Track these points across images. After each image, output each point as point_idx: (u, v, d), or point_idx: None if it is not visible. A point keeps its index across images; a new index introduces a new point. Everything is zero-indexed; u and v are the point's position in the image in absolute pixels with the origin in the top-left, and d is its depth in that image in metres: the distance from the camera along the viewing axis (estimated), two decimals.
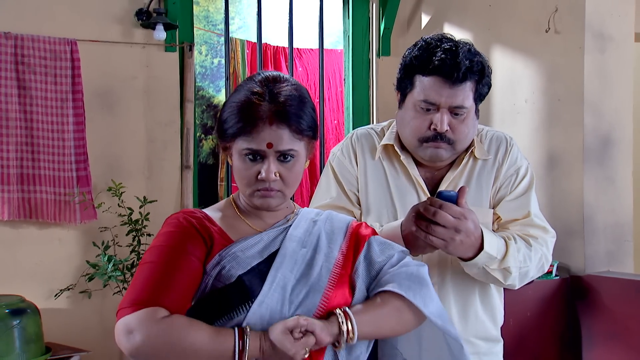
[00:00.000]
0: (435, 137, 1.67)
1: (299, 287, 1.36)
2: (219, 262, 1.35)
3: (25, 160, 3.29)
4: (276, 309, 1.32)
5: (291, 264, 1.37)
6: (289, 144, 1.35)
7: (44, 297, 3.30)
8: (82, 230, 3.46)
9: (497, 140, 1.83)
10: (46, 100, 3.33)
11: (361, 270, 1.43)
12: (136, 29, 3.63)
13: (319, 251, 1.42)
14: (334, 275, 1.39)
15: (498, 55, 3.87)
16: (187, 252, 1.34)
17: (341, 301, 1.37)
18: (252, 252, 1.38)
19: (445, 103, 1.64)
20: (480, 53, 1.71)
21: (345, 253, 1.44)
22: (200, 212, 1.45)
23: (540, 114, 3.63)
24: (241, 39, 4.67)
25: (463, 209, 1.54)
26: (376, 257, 1.44)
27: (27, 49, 3.28)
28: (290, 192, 1.42)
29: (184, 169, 3.74)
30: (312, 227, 1.46)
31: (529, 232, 1.73)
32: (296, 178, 1.40)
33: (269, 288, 1.33)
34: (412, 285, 1.38)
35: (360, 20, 4.35)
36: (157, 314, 1.26)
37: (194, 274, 1.33)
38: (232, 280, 1.33)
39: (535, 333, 3.38)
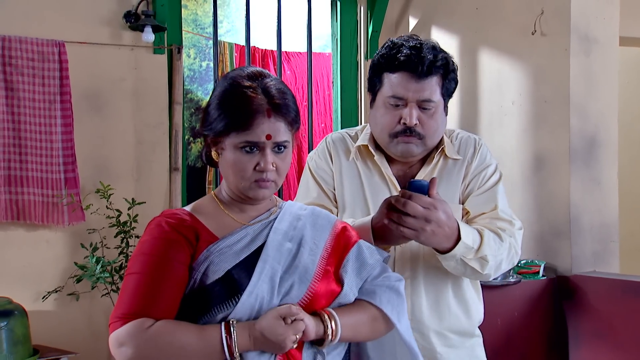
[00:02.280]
0: (405, 131, 1.73)
1: (286, 278, 1.39)
2: (207, 257, 1.38)
3: (12, 161, 3.28)
4: (266, 299, 1.35)
5: (278, 256, 1.41)
6: (284, 135, 1.40)
7: (32, 299, 3.28)
8: (70, 232, 3.45)
9: (467, 142, 1.88)
10: (34, 101, 3.32)
11: (350, 269, 1.47)
12: (124, 31, 3.63)
13: (304, 245, 1.45)
14: (320, 268, 1.43)
15: (485, 57, 3.90)
16: (171, 259, 1.36)
17: (326, 293, 1.43)
18: (239, 246, 1.41)
19: (412, 97, 1.70)
20: (444, 51, 1.78)
21: (329, 251, 1.47)
22: (183, 211, 1.47)
23: (527, 116, 3.66)
24: (229, 42, 4.68)
25: (433, 199, 1.57)
26: (368, 259, 1.50)
27: (15, 50, 3.27)
28: (281, 182, 1.45)
29: (172, 171, 3.74)
30: (297, 222, 1.49)
31: (497, 224, 1.76)
32: (287, 168, 1.46)
33: (258, 279, 1.36)
34: (391, 299, 1.48)
35: (349, 24, 4.37)
36: (144, 325, 1.30)
37: (179, 280, 1.36)
38: (220, 275, 1.35)
39: (522, 333, 3.39)
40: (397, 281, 1.52)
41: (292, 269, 1.41)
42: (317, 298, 1.40)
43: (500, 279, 3.32)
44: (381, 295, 1.47)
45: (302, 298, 1.39)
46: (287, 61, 4.83)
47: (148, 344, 1.28)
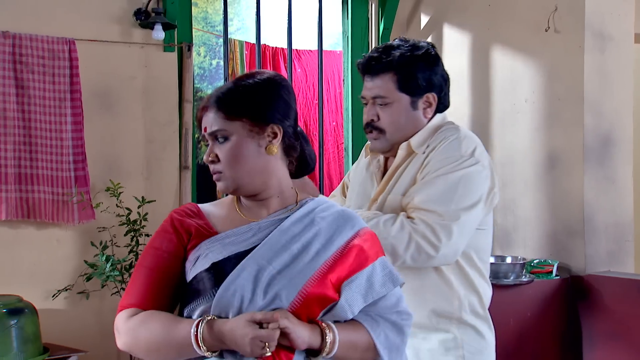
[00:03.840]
0: (366, 127, 1.91)
1: (279, 279, 1.36)
2: (199, 249, 1.41)
3: (23, 159, 3.27)
4: (247, 297, 1.33)
5: (272, 254, 1.38)
6: (217, 124, 1.42)
7: (42, 298, 3.28)
8: (80, 231, 3.44)
9: (441, 137, 1.89)
10: (44, 99, 3.32)
11: (355, 286, 1.40)
12: (135, 28, 3.62)
13: (309, 248, 1.41)
14: (318, 274, 1.38)
15: (498, 55, 3.86)
16: (161, 251, 1.43)
17: (319, 300, 1.37)
18: (234, 241, 1.40)
19: (369, 95, 1.88)
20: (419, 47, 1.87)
21: (337, 260, 1.41)
22: (193, 205, 1.51)
23: (540, 114, 3.62)
24: (240, 40, 4.66)
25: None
26: (378, 286, 1.43)
27: (26, 48, 3.27)
28: (233, 173, 1.42)
29: (182, 169, 3.73)
30: (310, 223, 1.44)
31: (413, 213, 1.78)
32: (233, 158, 1.41)
33: (238, 274, 1.34)
34: (390, 337, 1.43)
35: (360, 21, 4.35)
36: (127, 315, 1.40)
37: (167, 271, 1.42)
38: (206, 267, 1.37)
39: (535, 333, 3.36)
40: (404, 319, 1.47)
41: (287, 271, 1.37)
42: (309, 303, 1.36)
43: (513, 278, 3.29)
44: (383, 329, 1.43)
45: (292, 301, 1.35)
46: (298, 59, 4.81)
47: (128, 334, 1.38)
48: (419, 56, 1.86)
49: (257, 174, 1.42)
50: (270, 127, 1.43)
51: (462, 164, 1.80)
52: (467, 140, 1.87)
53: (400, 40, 1.90)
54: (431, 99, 1.91)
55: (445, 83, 1.97)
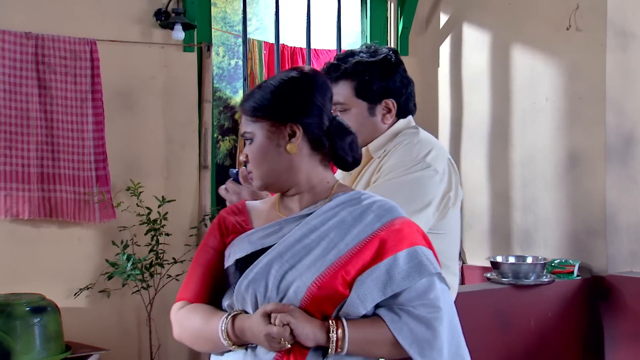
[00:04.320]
0: None
1: (291, 273, 1.35)
2: (232, 246, 1.47)
3: (45, 159, 3.30)
4: (260, 292, 1.36)
5: (288, 249, 1.39)
6: (245, 126, 1.49)
7: (64, 296, 3.30)
8: (101, 230, 3.46)
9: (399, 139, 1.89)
10: (66, 100, 3.35)
11: (371, 280, 1.35)
12: (155, 29, 3.64)
13: (326, 242, 1.39)
14: (332, 269, 1.35)
15: (518, 53, 3.84)
16: (207, 246, 1.51)
17: (330, 295, 1.34)
18: (260, 237, 1.44)
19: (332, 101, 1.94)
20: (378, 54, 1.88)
21: (356, 252, 1.37)
22: (240, 204, 1.58)
23: (561, 113, 3.60)
24: (258, 40, 4.67)
25: (235, 185, 1.79)
26: (399, 278, 1.36)
27: (48, 48, 3.30)
28: (259, 174, 1.48)
29: (202, 169, 3.74)
30: (335, 216, 1.42)
31: None
32: (258, 159, 1.47)
33: (251, 270, 1.38)
34: (415, 332, 1.34)
35: (378, 20, 4.34)
36: (178, 307, 1.49)
37: (209, 264, 1.49)
38: (231, 263, 1.44)
39: (556, 334, 3.34)
40: (432, 312, 1.36)
41: (300, 266, 1.36)
42: (319, 300, 1.33)
43: (533, 278, 3.27)
44: (405, 323, 1.35)
45: (302, 297, 1.34)
46: (316, 58, 4.80)
47: (176, 325, 1.47)
48: (376, 62, 1.86)
49: (281, 172, 1.45)
50: (289, 126, 1.44)
51: (411, 168, 1.78)
52: (420, 145, 1.85)
53: (362, 47, 1.93)
54: (390, 105, 1.90)
55: (405, 88, 1.94)
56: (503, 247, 3.89)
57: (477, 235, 4.08)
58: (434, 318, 1.36)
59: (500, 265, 3.35)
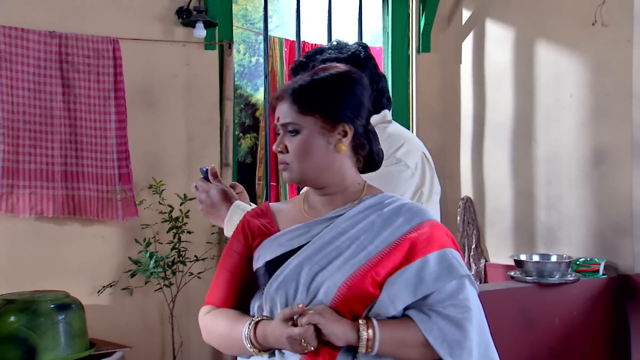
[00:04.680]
0: None
1: (321, 275, 1.36)
2: (260, 248, 1.46)
3: (69, 157, 3.33)
4: (290, 294, 1.36)
5: (318, 251, 1.39)
6: (289, 117, 1.44)
7: (88, 293, 3.33)
8: (124, 227, 3.48)
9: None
10: (89, 98, 3.37)
11: (401, 281, 1.35)
12: (177, 27, 3.65)
13: (357, 243, 1.39)
14: (362, 270, 1.35)
15: (542, 49, 3.79)
16: (232, 251, 1.51)
17: (360, 295, 1.34)
18: (288, 239, 1.44)
19: None
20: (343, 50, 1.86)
21: (386, 254, 1.38)
22: (264, 206, 1.56)
23: (587, 109, 3.55)
24: (279, 37, 4.66)
25: (204, 183, 1.82)
26: (430, 280, 1.36)
27: (71, 47, 3.32)
28: (298, 166, 1.44)
29: (223, 166, 3.75)
30: (365, 218, 1.43)
31: None
32: (300, 152, 1.43)
33: (281, 272, 1.38)
34: (445, 331, 1.34)
35: (400, 17, 4.31)
36: (205, 311, 1.50)
37: (235, 269, 1.49)
38: (260, 265, 1.43)
39: (581, 333, 3.30)
40: (461, 313, 1.36)
41: (330, 267, 1.37)
42: (349, 300, 1.34)
43: (558, 277, 3.23)
44: (435, 323, 1.34)
45: (333, 298, 1.34)
46: None
47: (204, 329, 1.49)
48: (344, 59, 1.81)
49: (323, 170, 1.44)
50: (342, 125, 1.43)
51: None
52: (390, 139, 1.83)
53: (332, 44, 1.91)
54: None
55: (376, 84, 1.91)
56: (526, 245, 3.85)
57: (500, 233, 4.05)
58: (464, 318, 1.36)
59: (524, 263, 3.32)
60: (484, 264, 4.10)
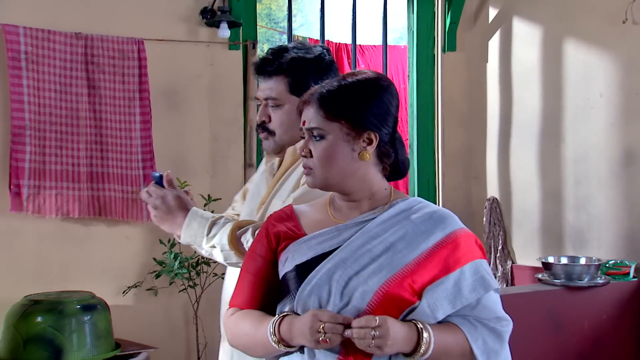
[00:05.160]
0: (258, 127, 1.90)
1: (356, 280, 1.36)
2: (287, 252, 1.45)
3: (94, 158, 3.34)
4: (324, 298, 1.36)
5: (351, 256, 1.39)
6: (314, 122, 1.44)
7: (113, 294, 3.34)
8: (149, 228, 3.49)
9: None
10: (114, 99, 3.38)
11: (441, 291, 1.37)
12: (201, 27, 3.65)
13: (391, 249, 1.39)
14: (398, 276, 1.36)
15: (571, 48, 3.73)
16: (255, 254, 1.51)
17: (396, 302, 1.34)
18: (319, 243, 1.43)
19: (261, 96, 1.88)
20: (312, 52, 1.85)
21: (421, 262, 1.38)
22: (288, 209, 1.56)
23: (617, 109, 3.48)
24: (303, 36, 4.65)
25: (158, 189, 1.78)
26: (467, 291, 1.39)
27: (97, 48, 3.33)
28: (321, 173, 1.44)
29: (247, 167, 3.74)
30: (397, 224, 1.43)
31: None
32: (325, 158, 1.43)
33: (314, 276, 1.37)
34: (488, 341, 1.40)
35: (425, 15, 4.26)
36: (229, 313, 1.50)
37: (259, 272, 1.49)
38: (290, 269, 1.42)
39: (611, 336, 3.24)
40: (503, 325, 1.43)
41: (365, 272, 1.36)
42: (385, 305, 1.34)
43: (587, 280, 3.18)
44: (481, 334, 1.39)
45: (368, 303, 1.34)
46: (362, 54, 4.76)
47: (228, 331, 1.49)
48: (311, 60, 1.83)
49: (347, 176, 1.44)
50: (367, 133, 1.43)
51: None
52: None
53: (295, 43, 1.91)
54: None
55: None
56: (554, 247, 3.79)
57: (527, 234, 3.99)
58: (504, 331, 1.42)
59: (552, 266, 3.27)
60: (510, 265, 4.05)
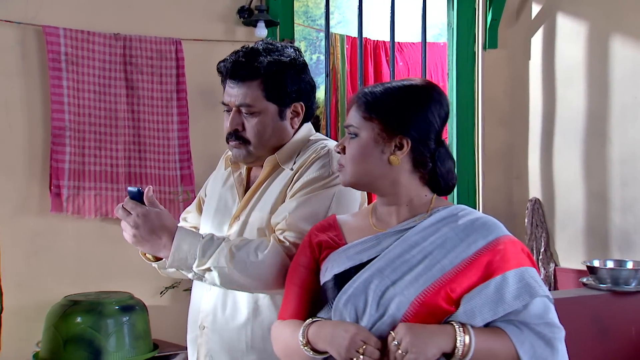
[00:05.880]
0: (230, 136, 1.76)
1: (392, 289, 1.34)
2: (327, 261, 1.45)
3: (132, 159, 3.35)
4: (360, 308, 1.35)
5: (388, 265, 1.37)
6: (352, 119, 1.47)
7: (150, 294, 3.34)
8: None
9: (311, 150, 1.77)
10: (152, 99, 3.38)
11: (481, 298, 1.33)
12: (238, 26, 3.63)
13: (429, 258, 1.37)
14: (436, 285, 1.34)
15: (617, 44, 3.62)
16: (299, 265, 1.51)
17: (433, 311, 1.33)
18: (357, 252, 1.42)
19: (232, 103, 1.75)
20: (286, 54, 1.76)
21: (462, 270, 1.35)
22: (331, 219, 1.55)
23: None
24: (341, 34, 4.60)
25: (138, 205, 1.61)
26: (510, 298, 1.34)
27: (135, 49, 3.34)
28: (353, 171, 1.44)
29: None
30: (436, 232, 1.40)
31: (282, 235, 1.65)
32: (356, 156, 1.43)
33: (350, 286, 1.37)
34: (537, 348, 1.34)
35: (466, 12, 4.18)
36: (275, 325, 1.51)
37: (303, 282, 1.49)
38: (328, 278, 1.43)
39: None
40: (552, 332, 1.36)
41: (402, 282, 1.35)
42: (421, 315, 1.32)
43: (635, 285, 3.07)
44: (527, 338, 1.34)
45: (405, 312, 1.33)
46: (400, 52, 4.70)
47: (273, 342, 1.50)
48: (287, 63, 1.74)
49: (376, 178, 1.43)
50: (399, 138, 1.41)
51: (334, 180, 1.69)
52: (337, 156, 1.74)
53: (265, 44, 1.79)
54: (299, 109, 1.79)
55: (312, 91, 1.82)
56: (599, 250, 3.68)
57: (570, 236, 3.89)
58: (554, 338, 1.36)
59: (598, 270, 3.17)
60: (553, 268, 3.95)
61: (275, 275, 1.60)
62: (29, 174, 3.21)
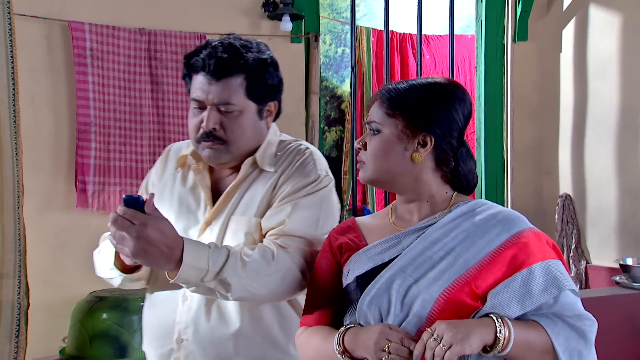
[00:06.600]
0: (205, 135, 1.64)
1: (415, 288, 1.33)
2: (349, 263, 1.44)
3: (157, 155, 3.33)
4: (384, 308, 1.33)
5: (410, 263, 1.35)
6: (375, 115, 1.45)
7: None
8: None
9: (290, 152, 1.70)
10: (176, 95, 3.38)
11: (508, 292, 1.30)
12: (263, 20, 3.61)
13: (452, 254, 1.35)
14: (460, 281, 1.31)
15: None
16: (321, 269, 1.49)
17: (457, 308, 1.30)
18: (378, 252, 1.41)
19: (210, 100, 1.63)
20: (262, 50, 1.70)
21: (486, 265, 1.32)
22: (350, 221, 1.52)
23: None
24: (366, 27, 4.55)
25: (138, 214, 1.40)
26: (537, 291, 1.31)
27: (160, 44, 3.33)
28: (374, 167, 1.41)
29: None
30: (457, 227, 1.37)
31: (279, 241, 1.58)
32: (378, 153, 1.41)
33: (373, 287, 1.35)
34: (570, 339, 1.32)
35: (495, 3, 4.10)
36: (299, 332, 1.49)
37: (326, 287, 1.47)
38: (350, 280, 1.41)
39: None
40: (585, 325, 1.33)
41: (425, 279, 1.33)
42: (447, 312, 1.29)
43: None
44: (562, 330, 1.31)
45: (430, 310, 1.30)
46: (426, 45, 4.63)
47: (299, 350, 1.48)
48: (265, 60, 1.67)
49: (397, 175, 1.41)
50: (422, 135, 1.39)
51: (320, 183, 1.65)
52: (319, 157, 1.72)
53: (237, 39, 1.70)
54: (272, 107, 1.72)
55: (282, 90, 1.77)
56: (633, 248, 3.60)
57: (602, 233, 3.81)
58: (588, 330, 1.34)
59: (631, 268, 3.09)
60: (584, 265, 3.87)
61: (287, 283, 1.55)
62: (54, 169, 3.22)
